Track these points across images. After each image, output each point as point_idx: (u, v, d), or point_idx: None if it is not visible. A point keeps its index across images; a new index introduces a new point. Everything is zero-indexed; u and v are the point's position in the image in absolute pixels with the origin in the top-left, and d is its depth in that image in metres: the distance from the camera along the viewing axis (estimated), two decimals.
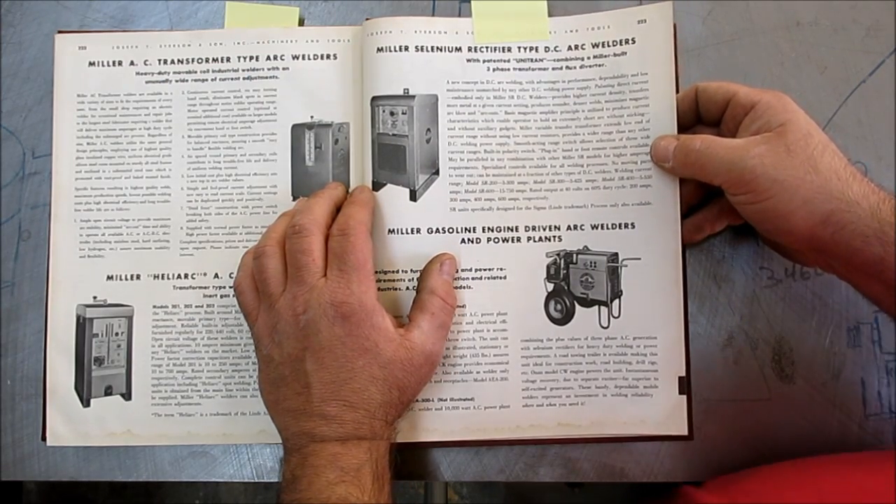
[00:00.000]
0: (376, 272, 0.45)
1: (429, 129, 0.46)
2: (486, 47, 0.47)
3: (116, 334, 0.47)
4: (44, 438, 0.46)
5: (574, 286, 0.46)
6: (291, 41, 0.48)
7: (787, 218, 0.39)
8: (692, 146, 0.41)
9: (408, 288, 0.45)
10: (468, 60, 0.47)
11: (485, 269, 0.46)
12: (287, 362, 0.40)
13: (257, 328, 0.42)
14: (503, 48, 0.47)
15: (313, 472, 0.38)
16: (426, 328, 0.42)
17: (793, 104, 0.41)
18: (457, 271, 0.45)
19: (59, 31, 0.49)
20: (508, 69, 0.47)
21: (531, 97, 0.47)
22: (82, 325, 0.47)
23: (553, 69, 0.47)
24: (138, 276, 0.47)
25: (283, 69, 0.48)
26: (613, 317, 0.46)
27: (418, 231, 0.46)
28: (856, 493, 0.38)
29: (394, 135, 0.46)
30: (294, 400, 0.40)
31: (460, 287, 0.46)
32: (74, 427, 0.46)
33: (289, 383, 0.40)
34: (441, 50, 0.47)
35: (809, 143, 0.39)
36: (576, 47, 0.47)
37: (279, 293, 0.41)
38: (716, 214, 0.45)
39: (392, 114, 0.46)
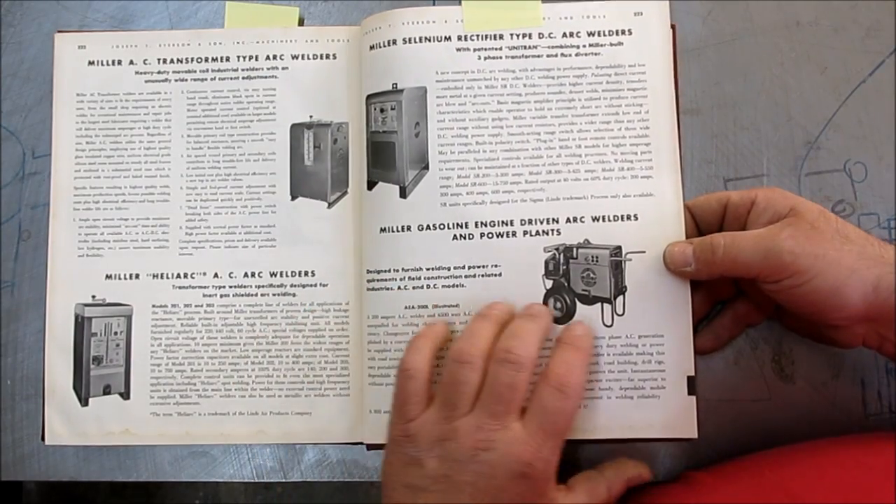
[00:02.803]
0: (368, 271, 0.45)
1: (418, 123, 0.46)
2: (477, 35, 0.46)
3: (115, 333, 0.47)
4: (44, 438, 0.46)
5: (575, 283, 0.44)
6: (291, 41, 0.48)
7: (838, 291, 0.37)
8: (717, 243, 0.40)
9: (399, 287, 0.44)
10: (458, 49, 0.46)
11: (478, 267, 0.45)
12: (439, 480, 0.37)
13: (415, 426, 0.38)
14: (495, 35, 0.46)
15: None
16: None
17: (789, 192, 0.41)
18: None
19: (59, 31, 0.49)
20: (500, 57, 0.46)
21: (525, 85, 0.46)
22: (81, 324, 0.47)
23: (548, 56, 0.46)
24: (137, 276, 0.47)
25: (283, 69, 0.48)
26: (617, 314, 0.44)
27: (409, 229, 0.45)
28: (857, 471, 0.38)
29: (384, 132, 0.46)
30: None
31: (453, 286, 0.45)
32: (73, 426, 0.46)
33: (429, 497, 0.37)
34: (430, 40, 0.46)
35: (829, 218, 0.38)
36: (571, 34, 0.46)
37: (465, 412, 0.38)
38: (731, 320, 0.45)
39: (382, 111, 0.46)
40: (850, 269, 0.37)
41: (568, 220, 0.45)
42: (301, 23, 0.50)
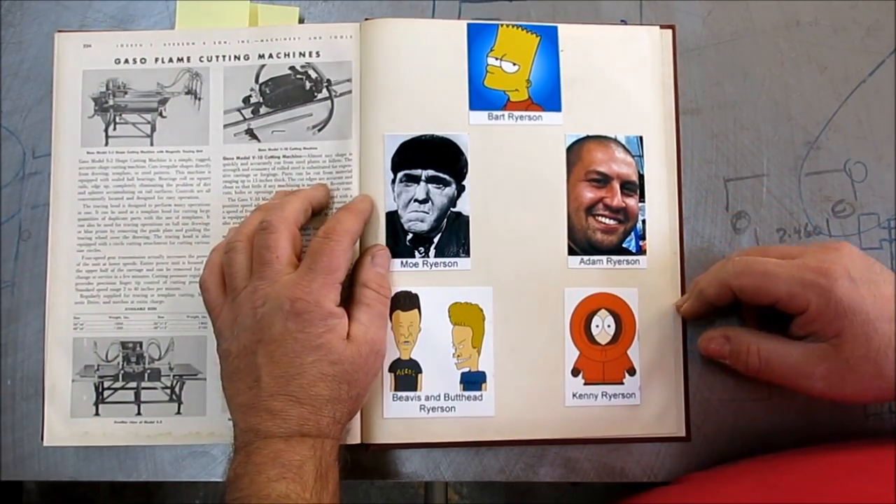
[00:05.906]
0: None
1: None
2: None
3: None
4: (43, 439, 0.46)
5: None
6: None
7: (859, 405, 0.43)
8: (752, 362, 0.41)
9: None
10: None
11: None
12: (242, 355, 0.40)
13: (219, 323, 0.41)
14: None
15: (255, 470, 0.37)
16: (365, 320, 0.42)
17: (845, 299, 0.37)
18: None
19: (59, 31, 0.49)
20: None
21: None
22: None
23: None
24: None
25: None
26: None
27: None
28: (858, 478, 0.38)
29: None
30: (245, 395, 0.39)
31: None
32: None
33: (242, 377, 0.39)
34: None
35: (871, 349, 0.37)
36: None
37: (242, 287, 0.41)
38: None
39: None
40: (873, 399, 0.40)
41: None
42: (301, 22, 0.50)
